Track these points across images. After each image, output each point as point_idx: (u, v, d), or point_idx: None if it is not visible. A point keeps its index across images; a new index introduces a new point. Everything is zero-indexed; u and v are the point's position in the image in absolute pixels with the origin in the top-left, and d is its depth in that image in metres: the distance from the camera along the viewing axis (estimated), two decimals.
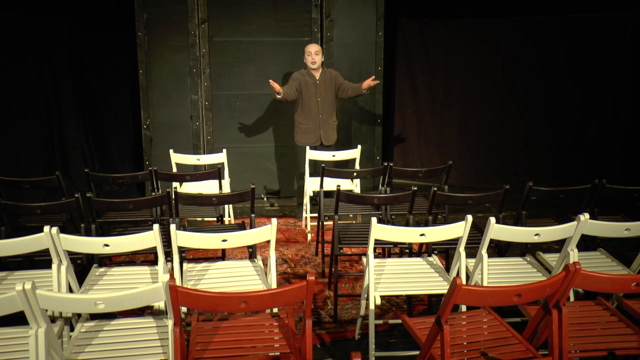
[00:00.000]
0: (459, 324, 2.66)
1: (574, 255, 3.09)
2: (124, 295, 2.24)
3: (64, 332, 2.76)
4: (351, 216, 5.33)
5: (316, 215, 4.78)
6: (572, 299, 3.08)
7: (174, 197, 3.84)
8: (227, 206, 5.10)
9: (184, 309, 2.85)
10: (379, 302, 2.99)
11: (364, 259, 3.25)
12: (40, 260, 3.36)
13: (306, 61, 5.49)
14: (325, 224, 4.58)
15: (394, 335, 3.51)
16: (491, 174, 7.16)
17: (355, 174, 4.83)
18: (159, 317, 2.66)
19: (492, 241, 3.21)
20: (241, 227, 4.08)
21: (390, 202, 4.07)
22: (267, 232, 2.98)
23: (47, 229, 2.79)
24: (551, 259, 3.43)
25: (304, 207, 5.36)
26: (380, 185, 4.93)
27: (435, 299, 3.88)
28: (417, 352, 2.55)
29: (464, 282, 2.37)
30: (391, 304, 3.91)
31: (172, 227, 2.90)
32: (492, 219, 2.95)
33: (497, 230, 2.98)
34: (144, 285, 2.40)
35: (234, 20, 6.18)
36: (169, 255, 3.17)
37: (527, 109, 7.00)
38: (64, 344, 2.70)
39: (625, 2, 6.38)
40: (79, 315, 2.78)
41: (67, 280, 2.90)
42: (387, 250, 4.12)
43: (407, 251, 3.93)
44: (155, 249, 2.98)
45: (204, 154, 5.97)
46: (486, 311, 2.74)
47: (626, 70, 6.53)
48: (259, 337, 2.55)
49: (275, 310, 2.76)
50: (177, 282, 2.22)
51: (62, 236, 2.84)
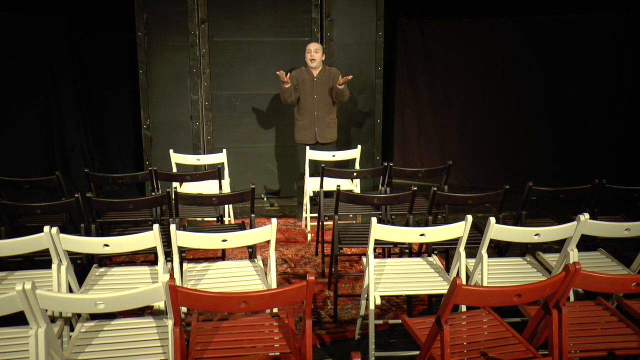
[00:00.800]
0: (459, 324, 2.66)
1: (574, 255, 3.09)
2: (124, 295, 2.24)
3: (64, 332, 2.76)
4: (351, 216, 5.33)
5: (316, 215, 4.78)
6: (572, 299, 3.08)
7: (174, 197, 3.84)
8: (227, 206, 5.10)
9: (184, 309, 2.85)
10: (379, 302, 2.99)
11: (364, 259, 3.25)
12: (40, 260, 3.36)
13: (306, 59, 5.50)
14: (325, 224, 4.58)
15: (394, 335, 3.51)
16: (491, 174, 7.16)
17: (355, 174, 4.83)
18: (159, 317, 2.66)
19: (492, 241, 3.21)
20: (241, 227, 4.08)
21: (390, 202, 4.07)
22: (267, 232, 2.98)
23: (47, 229, 2.79)
24: (551, 259, 3.43)
25: (304, 207, 5.36)
26: (380, 185, 4.93)
27: (435, 299, 3.88)
28: (417, 352, 2.55)
29: (464, 282, 2.37)
30: (391, 304, 3.91)
31: (172, 227, 2.90)
32: (492, 219, 2.95)
33: (497, 230, 2.98)
34: (144, 285, 2.40)
35: (234, 20, 6.18)
36: (169, 255, 3.17)
37: (527, 109, 7.00)
38: (64, 344, 2.70)
39: (625, 2, 6.38)
40: (79, 315, 2.78)
41: (67, 280, 2.90)
42: (387, 250, 4.12)
43: (407, 251, 3.93)
44: (155, 249, 2.98)
45: (204, 154, 5.97)
46: (486, 311, 2.74)
47: (626, 70, 6.53)
48: (259, 337, 2.55)
49: (275, 310, 2.76)
50: (177, 282, 2.22)
51: (62, 236, 2.84)
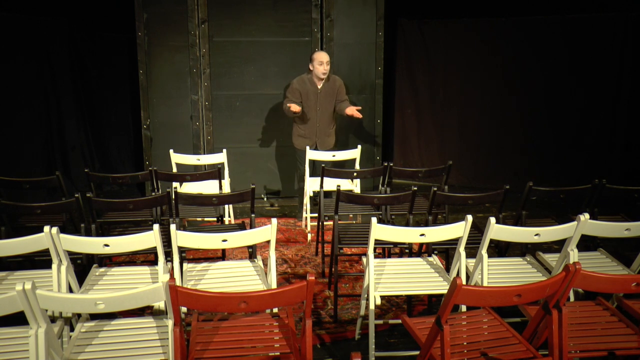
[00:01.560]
0: (459, 324, 2.66)
1: (574, 255, 3.09)
2: (124, 295, 2.24)
3: (64, 332, 2.76)
4: (351, 216, 5.33)
5: (316, 215, 4.78)
6: (572, 299, 3.08)
7: (174, 197, 3.84)
8: (227, 206, 5.10)
9: (184, 309, 2.85)
10: (379, 302, 2.99)
11: (364, 259, 3.25)
12: (40, 260, 3.36)
13: (315, 70, 5.35)
14: (325, 224, 4.58)
15: (394, 335, 3.51)
16: (491, 174, 7.16)
17: (355, 174, 4.83)
18: (159, 317, 2.66)
19: (492, 241, 3.21)
20: (241, 227, 4.08)
21: (390, 202, 4.07)
22: (267, 232, 2.98)
23: (47, 229, 2.79)
24: (551, 259, 3.43)
25: (304, 207, 5.36)
26: (380, 185, 4.93)
27: (435, 299, 3.88)
28: (417, 352, 2.56)
29: (464, 282, 2.37)
30: (391, 304, 3.91)
31: (172, 227, 2.90)
32: (492, 219, 2.95)
33: (497, 230, 2.98)
34: (144, 285, 2.40)
35: (234, 20, 6.18)
36: (169, 255, 3.17)
37: (527, 109, 7.00)
38: (64, 344, 2.70)
39: (625, 2, 6.38)
40: (79, 315, 2.78)
41: (67, 280, 2.90)
42: (387, 250, 4.12)
43: (407, 251, 3.93)
44: (155, 249, 2.98)
45: (204, 154, 5.97)
46: (486, 311, 2.74)
47: (626, 70, 6.53)
48: (259, 337, 2.55)
49: (275, 310, 2.76)
50: (177, 282, 2.22)
51: (62, 236, 2.84)
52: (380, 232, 3.07)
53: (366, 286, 3.09)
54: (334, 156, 5.33)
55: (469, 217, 3.04)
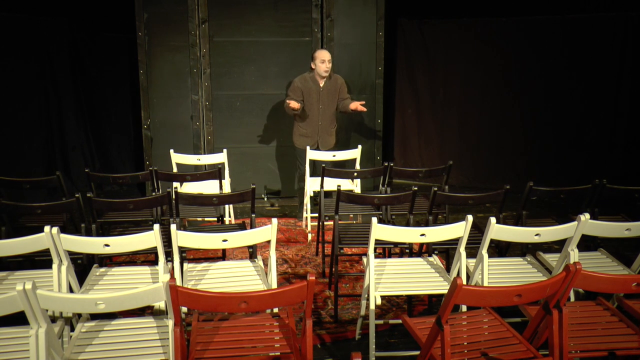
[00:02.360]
0: (460, 324, 2.66)
1: (575, 255, 3.09)
2: (125, 295, 2.24)
3: (65, 332, 2.76)
4: (351, 216, 5.33)
5: (316, 215, 4.78)
6: (572, 299, 3.08)
7: (174, 197, 3.84)
8: (227, 206, 5.10)
9: (184, 309, 2.85)
10: (379, 302, 2.99)
11: (365, 259, 3.25)
12: (40, 260, 3.36)
13: (317, 68, 5.36)
14: (325, 224, 4.58)
15: (395, 335, 3.51)
16: (491, 174, 7.16)
17: (355, 174, 4.83)
18: (160, 317, 2.66)
19: (492, 241, 3.21)
20: (241, 227, 4.08)
21: (390, 202, 4.07)
22: (267, 232, 2.98)
23: (47, 229, 2.79)
24: (551, 259, 3.43)
25: (305, 207, 5.36)
26: (380, 185, 4.93)
27: (435, 299, 3.88)
28: (417, 352, 2.56)
29: (465, 282, 2.37)
30: (391, 304, 3.91)
31: (173, 227, 2.90)
32: (493, 219, 2.95)
33: (497, 230, 2.98)
34: (144, 285, 2.41)
35: (235, 20, 6.18)
36: (169, 255, 3.17)
37: (528, 109, 7.00)
38: (64, 344, 2.71)
39: (625, 2, 6.38)
40: (80, 315, 2.78)
41: (68, 280, 2.90)
42: (387, 250, 4.12)
43: (407, 251, 3.93)
44: (155, 249, 2.98)
45: (205, 154, 5.97)
46: (486, 311, 2.74)
47: (626, 70, 6.53)
48: (260, 337, 2.55)
49: (275, 310, 2.76)
50: (178, 282, 2.22)
51: (63, 236, 2.84)
52: (380, 232, 3.07)
53: (366, 286, 3.09)
54: (334, 156, 5.33)
55: (470, 217, 3.04)
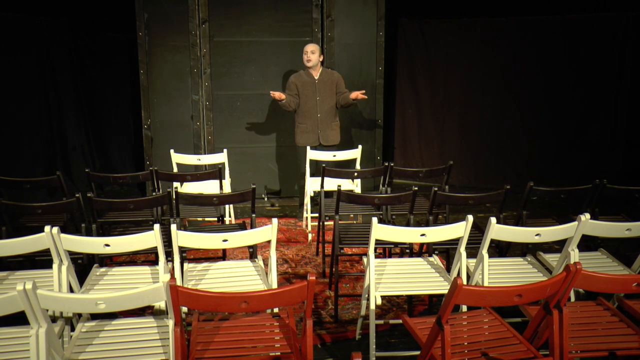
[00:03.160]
0: (460, 324, 2.66)
1: (575, 255, 3.09)
2: (125, 295, 2.24)
3: (65, 332, 2.76)
4: (352, 216, 5.33)
5: (317, 215, 4.78)
6: (572, 299, 3.08)
7: (174, 197, 3.84)
8: (227, 206, 5.10)
9: (184, 309, 2.85)
10: (379, 302, 2.99)
11: (365, 259, 3.25)
12: (41, 260, 3.36)
13: (303, 60, 5.50)
14: (326, 224, 4.58)
15: (395, 335, 3.51)
16: (492, 173, 7.16)
17: (356, 174, 4.83)
18: (160, 317, 2.66)
19: (492, 241, 3.21)
20: (242, 227, 4.08)
21: (390, 202, 4.07)
22: (267, 232, 2.98)
23: (47, 228, 2.79)
24: (552, 259, 3.43)
25: (305, 207, 5.36)
26: (380, 185, 4.93)
27: (436, 299, 3.88)
28: (417, 352, 2.55)
29: (465, 282, 2.37)
30: (392, 304, 3.91)
31: (173, 227, 2.90)
32: (493, 219, 2.95)
33: (497, 230, 2.98)
34: (144, 285, 2.40)
35: (235, 20, 6.19)
36: (169, 255, 3.17)
37: (528, 109, 7.00)
38: (64, 344, 2.71)
39: (625, 2, 6.38)
40: (80, 315, 2.78)
41: (68, 280, 2.90)
42: (387, 250, 4.12)
43: (407, 251, 3.93)
44: (155, 249, 2.98)
45: (205, 154, 5.97)
46: (487, 311, 2.74)
47: (626, 70, 6.53)
48: (260, 337, 2.55)
49: (275, 310, 2.76)
50: (178, 282, 2.22)
51: (63, 236, 2.84)
52: (380, 232, 3.07)
53: (367, 286, 3.09)
54: (334, 156, 5.33)
55: (470, 217, 3.04)
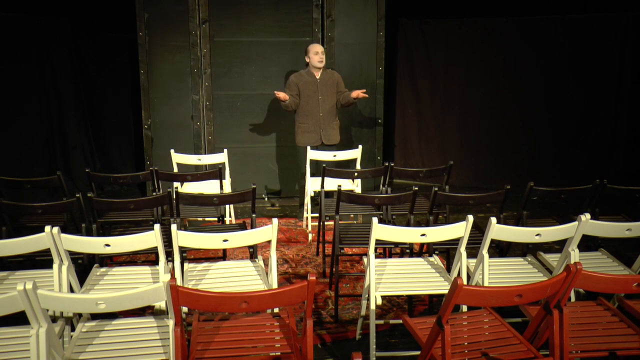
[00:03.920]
0: (460, 324, 2.66)
1: (575, 255, 3.09)
2: (125, 295, 2.24)
3: (65, 332, 2.76)
4: (352, 216, 5.33)
5: (317, 215, 4.78)
6: (573, 299, 3.08)
7: (175, 197, 3.84)
8: (228, 206, 5.10)
9: (184, 309, 2.85)
10: (379, 302, 2.99)
11: (365, 259, 3.25)
12: (41, 260, 3.36)
13: (311, 60, 5.44)
14: (326, 224, 4.58)
15: (395, 335, 3.51)
16: (492, 174, 7.16)
17: (356, 174, 4.83)
18: (160, 317, 2.66)
19: (493, 241, 3.21)
20: (242, 227, 4.08)
21: (391, 202, 4.07)
22: (268, 232, 2.98)
23: (48, 228, 2.80)
24: (552, 259, 3.43)
25: (305, 207, 5.36)
26: (381, 185, 4.93)
27: (436, 299, 3.88)
28: (418, 352, 2.55)
29: (465, 282, 2.37)
30: (392, 304, 3.91)
31: (173, 227, 2.90)
32: (493, 219, 2.95)
33: (498, 230, 2.98)
34: (145, 285, 2.41)
35: (235, 20, 6.19)
36: (169, 255, 3.17)
37: (528, 109, 7.00)
38: (65, 344, 2.71)
39: (625, 2, 6.38)
40: (80, 315, 2.78)
41: (68, 280, 2.90)
42: (388, 250, 4.12)
43: (408, 251, 3.93)
44: (156, 249, 2.98)
45: (205, 154, 5.97)
46: (487, 311, 2.74)
47: (627, 70, 6.52)
48: (260, 337, 2.55)
49: (276, 310, 2.76)
50: (178, 282, 2.22)
51: (63, 236, 2.84)
52: (381, 232, 3.07)
53: (367, 286, 3.09)
54: (335, 156, 5.33)
55: (470, 217, 3.04)
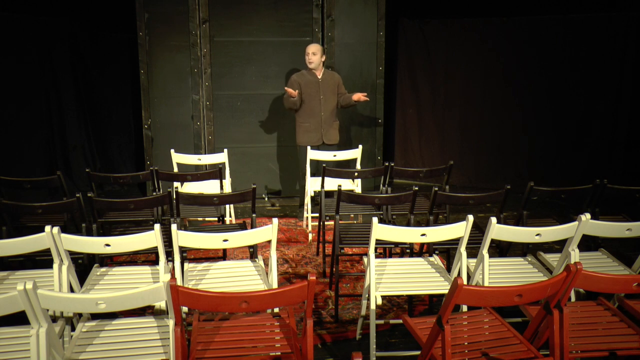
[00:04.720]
0: (460, 324, 2.66)
1: (575, 255, 3.09)
2: (125, 295, 2.24)
3: (65, 332, 2.76)
4: (352, 216, 5.33)
5: (317, 215, 4.78)
6: (573, 299, 3.08)
7: (175, 197, 3.84)
8: (228, 206, 5.10)
9: (185, 309, 2.85)
10: (380, 302, 2.99)
11: (365, 259, 3.25)
12: (41, 260, 3.36)
13: (306, 61, 5.52)
14: (326, 223, 4.58)
15: (395, 335, 3.51)
16: (492, 173, 7.16)
17: (356, 174, 4.83)
18: (160, 317, 2.66)
19: (493, 241, 3.21)
20: (242, 227, 4.08)
21: (391, 202, 4.07)
22: (268, 232, 2.98)
23: (48, 228, 2.80)
24: (552, 259, 3.43)
25: (305, 207, 5.36)
26: (381, 185, 4.93)
27: (436, 299, 3.88)
28: (418, 352, 2.55)
29: (465, 282, 2.37)
30: (392, 304, 3.91)
31: (173, 227, 2.90)
32: (494, 219, 2.95)
33: (498, 230, 2.98)
34: (145, 285, 2.40)
35: (235, 20, 6.18)
36: (170, 255, 3.17)
37: (529, 109, 7.00)
38: (65, 344, 2.71)
39: (626, 2, 6.38)
40: (80, 315, 2.78)
41: (69, 280, 2.90)
42: (388, 250, 4.12)
43: (408, 251, 3.93)
44: (156, 248, 2.98)
45: (205, 154, 5.97)
46: (487, 311, 2.74)
47: (628, 70, 6.52)
48: (260, 337, 2.55)
49: (276, 310, 2.76)
50: (178, 282, 2.22)
51: (64, 236, 2.84)
52: (381, 232, 3.07)
53: (367, 286, 3.09)
54: (335, 156, 5.33)
55: (470, 217, 3.04)
